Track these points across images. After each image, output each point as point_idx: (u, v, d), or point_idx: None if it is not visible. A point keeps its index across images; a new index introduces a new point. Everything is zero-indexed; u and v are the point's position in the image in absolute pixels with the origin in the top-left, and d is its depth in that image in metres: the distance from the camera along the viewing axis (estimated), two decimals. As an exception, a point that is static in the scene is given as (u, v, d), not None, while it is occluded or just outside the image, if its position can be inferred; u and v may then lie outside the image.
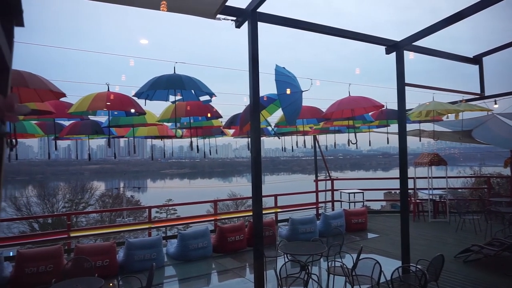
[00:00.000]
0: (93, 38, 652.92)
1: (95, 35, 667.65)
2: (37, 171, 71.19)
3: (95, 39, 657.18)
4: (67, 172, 74.39)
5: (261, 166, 4.61)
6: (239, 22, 4.69)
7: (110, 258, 6.69)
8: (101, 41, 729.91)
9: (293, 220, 8.97)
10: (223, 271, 7.09)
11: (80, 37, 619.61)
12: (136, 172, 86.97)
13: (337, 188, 13.05)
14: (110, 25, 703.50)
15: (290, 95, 5.21)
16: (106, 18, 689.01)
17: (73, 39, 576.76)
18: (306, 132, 10.14)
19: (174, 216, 22.48)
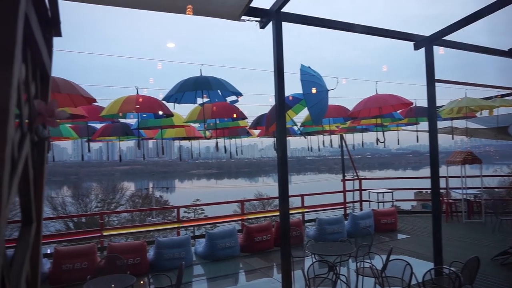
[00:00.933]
0: (122, 44, 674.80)
1: (124, 41, 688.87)
2: (71, 172, 74.17)
3: (124, 45, 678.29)
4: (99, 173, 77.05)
5: (287, 166, 4.60)
6: (263, 23, 4.70)
7: (141, 256, 6.88)
8: (130, 46, 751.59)
9: (320, 220, 8.89)
10: (250, 270, 7.13)
11: (109, 43, 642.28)
12: (164, 172, 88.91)
13: (365, 187, 12.81)
14: (138, 31, 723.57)
15: (315, 94, 5.18)
16: (135, 23, 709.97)
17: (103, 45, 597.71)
18: (333, 131, 10.03)
19: (201, 216, 22.84)
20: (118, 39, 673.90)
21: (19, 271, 0.74)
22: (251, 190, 35.82)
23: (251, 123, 8.41)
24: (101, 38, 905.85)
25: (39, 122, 0.88)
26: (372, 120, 8.66)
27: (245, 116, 7.29)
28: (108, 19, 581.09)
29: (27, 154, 0.77)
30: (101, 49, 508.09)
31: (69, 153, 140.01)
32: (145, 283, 6.56)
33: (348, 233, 9.02)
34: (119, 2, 3.61)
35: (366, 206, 12.43)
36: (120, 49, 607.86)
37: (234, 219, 10.76)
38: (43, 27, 0.93)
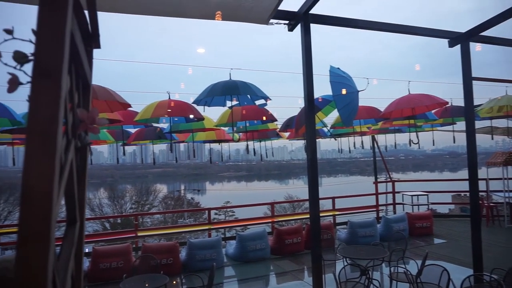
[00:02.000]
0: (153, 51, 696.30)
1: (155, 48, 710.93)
2: (107, 174, 77.02)
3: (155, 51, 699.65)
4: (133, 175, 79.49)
5: (317, 168, 4.57)
6: (291, 25, 4.71)
7: (173, 257, 7.04)
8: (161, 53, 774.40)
9: (352, 223, 8.73)
10: (281, 273, 7.12)
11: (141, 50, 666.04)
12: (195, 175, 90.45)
13: (399, 190, 12.43)
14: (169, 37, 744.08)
15: (346, 95, 5.12)
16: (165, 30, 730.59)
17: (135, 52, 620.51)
18: (364, 132, 9.84)
19: (232, 218, 23.03)
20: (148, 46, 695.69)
21: (65, 267, 0.81)
22: (281, 192, 35.71)
23: (281, 125, 8.41)
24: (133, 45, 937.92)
25: (81, 129, 0.95)
26: (405, 121, 8.42)
27: (275, 118, 7.32)
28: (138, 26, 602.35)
29: (72, 158, 0.83)
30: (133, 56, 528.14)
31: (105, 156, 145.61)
32: (178, 283, 6.71)
33: (381, 236, 8.80)
34: (150, 11, 3.75)
35: (400, 209, 12.07)
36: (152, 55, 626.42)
37: (264, 221, 10.78)
38: (85, 41, 1.00)
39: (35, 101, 0.58)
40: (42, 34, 0.60)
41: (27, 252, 0.54)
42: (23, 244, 0.53)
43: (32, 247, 0.54)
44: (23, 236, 0.54)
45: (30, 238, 0.54)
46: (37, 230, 0.54)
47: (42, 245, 0.54)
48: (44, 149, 0.56)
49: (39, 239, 0.54)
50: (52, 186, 0.56)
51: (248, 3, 3.81)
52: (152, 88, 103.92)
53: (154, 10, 3.71)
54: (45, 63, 0.59)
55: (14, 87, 0.86)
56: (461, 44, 5.55)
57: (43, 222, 0.54)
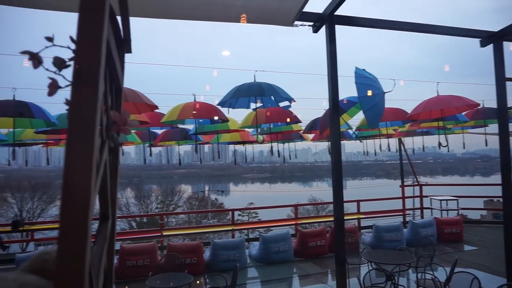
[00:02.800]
0: (179, 54, 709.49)
1: (181, 51, 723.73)
2: (134, 174, 78.94)
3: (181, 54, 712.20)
4: (159, 176, 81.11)
5: (342, 170, 4.53)
6: (316, 27, 4.69)
7: (197, 256, 7.14)
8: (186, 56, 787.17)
9: (377, 227, 8.57)
10: (304, 275, 7.08)
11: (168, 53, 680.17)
12: (219, 176, 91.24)
13: (427, 194, 12.08)
14: (195, 41, 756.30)
15: (371, 97, 5.04)
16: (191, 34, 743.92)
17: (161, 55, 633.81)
18: (390, 135, 9.64)
19: (255, 219, 23.06)
20: (174, 50, 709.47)
21: (98, 262, 0.85)
22: (304, 194, 35.48)
23: (305, 127, 8.38)
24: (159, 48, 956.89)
25: (114, 130, 1.00)
26: (433, 123, 8.18)
27: (299, 120, 7.30)
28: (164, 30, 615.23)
29: (106, 158, 0.87)
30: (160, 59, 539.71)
31: (132, 157, 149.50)
32: (201, 282, 6.79)
33: (408, 241, 8.58)
34: (178, 15, 3.84)
35: (428, 213, 11.72)
36: (178, 59, 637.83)
37: (287, 223, 10.75)
38: (118, 46, 1.05)
39: (75, 104, 0.62)
40: (82, 41, 0.65)
41: (67, 245, 0.57)
42: (63, 237, 0.57)
43: (72, 241, 0.58)
44: (63, 230, 0.58)
45: (70, 232, 0.58)
46: (76, 225, 0.58)
47: (81, 239, 0.58)
48: (83, 149, 0.60)
49: (78, 233, 0.58)
50: (90, 184, 0.60)
51: (273, 5, 3.84)
52: (178, 90, 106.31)
53: (181, 14, 3.80)
54: (84, 68, 0.63)
55: (54, 91, 0.91)
56: (494, 44, 5.34)
57: (81, 217, 0.58)
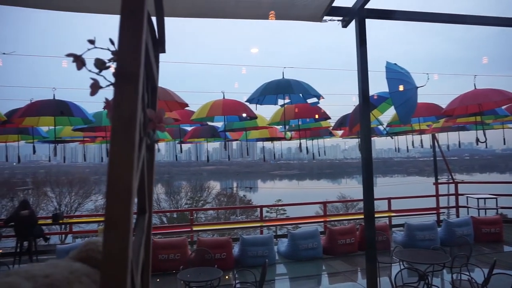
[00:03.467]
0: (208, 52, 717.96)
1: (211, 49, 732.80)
2: (164, 171, 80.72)
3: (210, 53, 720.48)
4: (188, 172, 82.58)
5: (372, 167, 4.45)
6: (345, 22, 4.62)
7: (226, 252, 7.24)
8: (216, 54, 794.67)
9: (409, 225, 8.34)
10: (333, 273, 7.02)
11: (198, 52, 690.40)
12: (247, 173, 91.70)
13: (463, 192, 11.61)
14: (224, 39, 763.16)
15: (403, 92, 4.91)
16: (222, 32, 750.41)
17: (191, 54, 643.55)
18: (423, 130, 9.34)
19: (283, 216, 23.04)
20: (203, 48, 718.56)
21: (137, 253, 0.89)
22: (333, 192, 35.02)
23: (334, 123, 8.28)
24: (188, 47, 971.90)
25: (150, 127, 1.04)
26: (470, 118, 7.84)
27: (328, 116, 7.22)
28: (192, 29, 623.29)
29: (144, 155, 0.91)
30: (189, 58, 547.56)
31: (163, 154, 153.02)
32: (230, 277, 6.89)
33: (442, 241, 8.30)
34: (208, 14, 3.89)
35: (464, 212, 11.26)
36: (207, 57, 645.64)
37: (316, 220, 10.69)
38: (153, 46, 1.10)
39: (118, 103, 0.66)
40: (123, 43, 0.68)
41: (112, 235, 0.61)
42: (109, 228, 0.61)
43: (116, 231, 0.61)
44: (108, 222, 0.62)
45: (114, 223, 0.62)
46: (120, 217, 0.62)
47: (124, 230, 0.61)
48: (126, 145, 0.64)
49: (122, 224, 0.62)
50: (132, 178, 0.63)
51: (301, 1, 3.81)
52: (208, 88, 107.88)
53: (210, 13, 3.85)
54: (126, 69, 0.67)
55: (96, 91, 0.97)
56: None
57: (124, 210, 0.62)
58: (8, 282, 0.58)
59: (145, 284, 1.07)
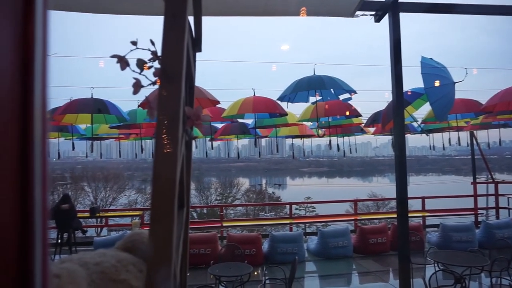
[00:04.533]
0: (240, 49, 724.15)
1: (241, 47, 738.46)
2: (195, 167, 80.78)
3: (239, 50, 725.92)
4: (217, 169, 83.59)
5: (405, 165, 4.33)
6: (378, 16, 4.51)
7: (256, 248, 7.29)
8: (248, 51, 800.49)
9: (445, 226, 8.05)
10: (364, 272, 6.91)
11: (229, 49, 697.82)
12: (276, 170, 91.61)
13: (503, 193, 11.05)
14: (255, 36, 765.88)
15: (439, 88, 4.74)
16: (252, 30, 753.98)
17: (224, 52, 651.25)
18: (461, 127, 8.96)
19: (312, 214, 22.88)
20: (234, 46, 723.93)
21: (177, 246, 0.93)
22: (364, 190, 34.35)
23: (367, 120, 8.12)
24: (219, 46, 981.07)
25: (188, 125, 1.08)
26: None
27: (359, 113, 7.09)
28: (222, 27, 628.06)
29: (183, 151, 0.95)
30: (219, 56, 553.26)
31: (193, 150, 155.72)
32: (259, 273, 6.94)
33: (480, 243, 7.94)
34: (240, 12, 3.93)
35: (504, 214, 10.72)
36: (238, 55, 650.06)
37: (346, 218, 10.53)
38: (192, 46, 1.13)
39: (162, 102, 0.69)
40: (167, 44, 0.72)
41: (157, 229, 0.65)
42: (154, 220, 0.65)
43: (161, 225, 0.65)
44: (154, 214, 0.65)
45: (159, 215, 0.65)
46: (164, 209, 0.65)
47: (168, 222, 0.65)
48: (169, 142, 0.67)
49: (166, 217, 0.65)
50: (176, 175, 0.66)
51: (333, -4, 3.77)
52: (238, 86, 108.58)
53: (241, 11, 3.89)
54: (169, 69, 0.70)
55: (138, 90, 1.01)
56: None
57: (169, 204, 0.65)
58: (66, 267, 0.63)
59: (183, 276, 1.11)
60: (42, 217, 0.26)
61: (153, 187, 0.66)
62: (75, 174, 35.84)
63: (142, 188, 34.74)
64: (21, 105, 0.25)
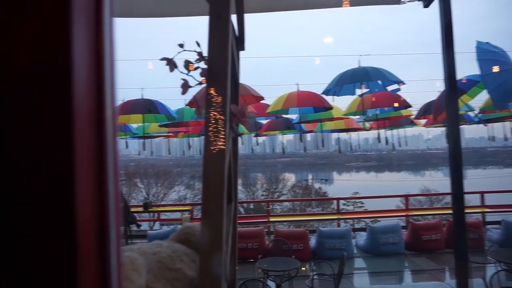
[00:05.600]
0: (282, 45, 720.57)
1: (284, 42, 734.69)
2: (240, 163, 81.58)
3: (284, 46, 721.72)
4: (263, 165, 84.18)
5: (461, 158, 4.08)
6: (427, 1, 4.27)
7: (303, 243, 7.27)
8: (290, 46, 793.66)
9: (508, 223, 7.47)
10: (417, 270, 6.63)
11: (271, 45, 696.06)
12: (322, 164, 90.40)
13: None
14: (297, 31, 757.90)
15: (498, 74, 4.40)
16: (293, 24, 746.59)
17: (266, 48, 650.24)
18: (525, 116, 8.24)
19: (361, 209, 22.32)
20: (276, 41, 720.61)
21: (226, 238, 0.97)
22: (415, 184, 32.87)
23: (418, 111, 7.75)
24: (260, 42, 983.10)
25: (234, 122, 1.11)
26: None
27: (409, 104, 6.78)
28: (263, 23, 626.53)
29: (230, 147, 0.98)
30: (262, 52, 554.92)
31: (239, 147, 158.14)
32: (307, 269, 6.92)
33: (549, 241, 7.29)
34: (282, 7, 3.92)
35: None
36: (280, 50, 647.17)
37: (397, 214, 10.15)
38: (236, 45, 1.16)
39: (210, 101, 0.72)
40: (212, 45, 0.75)
41: (208, 223, 0.68)
42: (206, 214, 0.68)
43: (212, 219, 0.68)
44: (205, 211, 0.69)
45: (210, 212, 0.69)
46: (215, 206, 0.69)
47: (219, 215, 0.68)
48: (218, 139, 0.70)
49: (217, 211, 0.68)
50: (224, 171, 0.69)
51: (379, -16, 3.63)
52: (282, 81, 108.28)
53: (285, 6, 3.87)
54: (215, 69, 0.73)
55: (186, 90, 1.06)
56: None
57: (219, 198, 0.69)
58: (128, 256, 0.69)
59: (232, 268, 1.15)
60: (115, 210, 0.29)
61: (204, 182, 0.69)
62: (129, 171, 37.83)
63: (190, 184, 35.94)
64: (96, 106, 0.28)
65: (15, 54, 0.25)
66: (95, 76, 0.29)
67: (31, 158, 0.25)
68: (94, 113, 0.28)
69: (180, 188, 33.64)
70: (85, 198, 0.26)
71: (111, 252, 0.28)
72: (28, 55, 0.26)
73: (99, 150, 0.28)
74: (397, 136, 9.36)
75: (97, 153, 0.28)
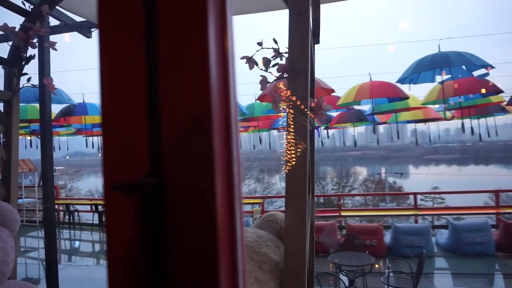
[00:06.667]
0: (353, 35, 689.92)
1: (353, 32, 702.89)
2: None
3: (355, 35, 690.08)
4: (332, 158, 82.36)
5: None
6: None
7: (377, 239, 7.02)
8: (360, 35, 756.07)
9: None
10: (510, 274, 6.00)
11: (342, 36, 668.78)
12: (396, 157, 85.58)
13: None
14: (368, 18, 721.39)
15: None
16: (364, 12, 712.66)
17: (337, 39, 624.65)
18: None
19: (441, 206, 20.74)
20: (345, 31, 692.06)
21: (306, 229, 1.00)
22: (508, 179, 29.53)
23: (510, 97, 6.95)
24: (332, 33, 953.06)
25: (311, 115, 1.13)
26: None
27: (500, 90, 6.10)
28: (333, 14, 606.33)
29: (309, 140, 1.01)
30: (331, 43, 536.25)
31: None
32: (381, 266, 6.67)
33: None
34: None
35: None
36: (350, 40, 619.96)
37: (484, 211, 9.27)
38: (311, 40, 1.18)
39: (291, 96, 0.76)
40: (293, 41, 0.78)
41: (292, 211, 0.73)
42: (290, 202, 0.73)
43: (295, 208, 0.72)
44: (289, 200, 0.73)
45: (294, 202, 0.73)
46: (298, 196, 0.73)
47: (302, 203, 0.72)
48: (301, 134, 0.74)
49: (299, 200, 0.72)
50: (307, 163, 0.73)
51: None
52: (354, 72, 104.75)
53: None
54: (296, 66, 0.77)
55: (265, 86, 1.11)
56: None
57: (302, 187, 0.72)
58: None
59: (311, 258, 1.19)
60: (239, 204, 0.33)
61: (287, 176, 0.74)
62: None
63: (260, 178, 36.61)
64: (225, 103, 0.33)
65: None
66: (224, 75, 0.33)
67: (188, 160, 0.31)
68: (224, 111, 0.33)
69: (250, 181, 34.48)
70: (221, 188, 0.31)
71: (237, 239, 0.32)
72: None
73: (228, 147, 0.32)
74: (485, 125, 8.47)
75: (226, 150, 0.32)
